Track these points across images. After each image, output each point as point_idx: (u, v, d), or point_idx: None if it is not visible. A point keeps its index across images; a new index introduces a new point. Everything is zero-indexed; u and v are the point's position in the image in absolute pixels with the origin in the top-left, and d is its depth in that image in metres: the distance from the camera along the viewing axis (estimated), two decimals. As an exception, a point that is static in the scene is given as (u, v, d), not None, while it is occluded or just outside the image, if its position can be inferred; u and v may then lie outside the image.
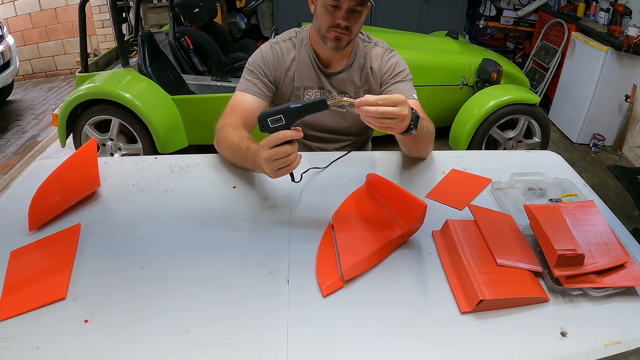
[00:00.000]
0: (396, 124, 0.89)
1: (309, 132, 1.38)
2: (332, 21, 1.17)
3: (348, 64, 1.30)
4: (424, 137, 1.12)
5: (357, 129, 1.39)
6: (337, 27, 1.17)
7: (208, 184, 1.13)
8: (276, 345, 0.71)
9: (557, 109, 3.68)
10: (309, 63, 1.30)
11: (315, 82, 1.31)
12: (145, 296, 0.80)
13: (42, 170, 1.16)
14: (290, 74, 1.30)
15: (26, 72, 5.20)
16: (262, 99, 1.27)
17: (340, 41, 1.20)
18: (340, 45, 1.21)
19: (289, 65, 1.30)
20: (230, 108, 1.24)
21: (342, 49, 1.23)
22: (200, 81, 3.13)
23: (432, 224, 0.97)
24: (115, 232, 0.97)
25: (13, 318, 0.76)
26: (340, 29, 1.17)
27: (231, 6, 4.58)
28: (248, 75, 1.28)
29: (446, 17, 4.22)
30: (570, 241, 0.81)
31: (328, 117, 1.34)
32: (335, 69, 1.30)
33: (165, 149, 2.71)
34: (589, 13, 3.64)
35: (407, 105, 0.91)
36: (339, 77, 1.31)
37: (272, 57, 1.28)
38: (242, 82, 1.28)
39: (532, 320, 0.76)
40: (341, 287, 0.82)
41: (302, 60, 1.30)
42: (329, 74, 1.31)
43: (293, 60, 1.30)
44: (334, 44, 1.21)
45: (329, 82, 1.32)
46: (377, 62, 1.31)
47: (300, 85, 1.31)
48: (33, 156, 3.38)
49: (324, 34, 1.21)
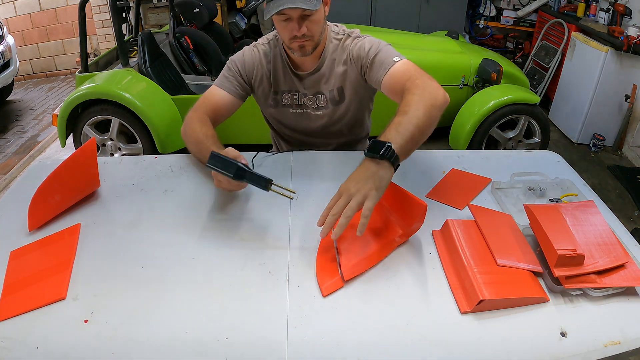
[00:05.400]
0: (365, 207, 0.81)
1: (294, 135, 1.40)
2: (290, 33, 1.15)
3: (320, 64, 1.27)
4: (424, 129, 0.95)
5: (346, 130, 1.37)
6: (295, 38, 1.15)
7: (208, 184, 1.13)
8: (276, 345, 0.71)
9: (557, 109, 3.67)
10: (283, 67, 1.29)
11: (290, 86, 1.31)
12: (145, 296, 0.80)
13: (42, 170, 1.16)
14: (267, 78, 1.30)
15: (26, 72, 5.20)
16: (235, 97, 1.27)
17: (305, 49, 1.18)
18: (305, 52, 1.19)
19: (266, 69, 1.29)
20: (202, 100, 1.27)
21: (310, 54, 1.21)
22: (200, 81, 3.13)
23: (432, 224, 0.97)
24: (115, 232, 0.97)
25: (13, 318, 0.76)
26: (300, 39, 1.15)
27: (231, 6, 4.58)
28: (226, 72, 1.29)
29: (446, 17, 4.22)
30: (570, 241, 0.81)
31: (309, 121, 1.34)
32: (307, 70, 1.28)
33: (165, 148, 2.71)
34: (589, 13, 3.63)
35: (346, 190, 0.83)
36: (312, 78, 1.29)
37: (251, 60, 1.29)
38: (219, 78, 1.29)
39: (532, 320, 0.76)
40: (341, 287, 0.82)
41: (277, 65, 1.29)
42: (301, 77, 1.29)
43: (269, 64, 1.29)
44: (299, 53, 1.19)
45: (302, 84, 1.30)
46: (349, 53, 1.25)
47: (278, 89, 1.32)
48: (33, 156, 3.38)
49: (288, 45, 1.20)
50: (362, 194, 0.82)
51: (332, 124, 1.35)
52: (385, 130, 0.92)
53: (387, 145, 0.85)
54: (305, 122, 1.35)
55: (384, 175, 0.85)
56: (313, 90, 1.30)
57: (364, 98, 1.34)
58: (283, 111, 1.35)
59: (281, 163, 1.22)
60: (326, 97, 1.30)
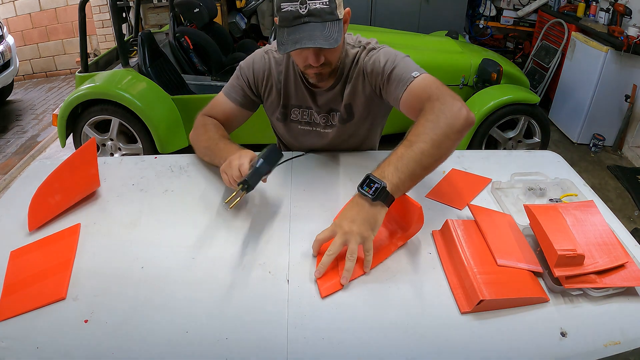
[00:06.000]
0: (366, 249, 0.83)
1: (300, 148, 1.32)
2: (305, 62, 1.05)
3: (336, 81, 1.17)
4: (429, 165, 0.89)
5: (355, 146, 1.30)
6: (311, 66, 1.05)
7: (208, 184, 1.13)
8: (276, 345, 0.71)
9: (557, 109, 3.67)
10: (296, 79, 1.20)
11: (301, 101, 1.22)
12: (145, 296, 0.80)
13: (42, 170, 1.17)
14: (277, 89, 1.21)
15: (26, 72, 5.20)
16: (244, 108, 1.23)
17: (322, 75, 1.09)
18: (322, 79, 1.11)
19: (277, 79, 1.20)
20: (212, 107, 1.24)
21: (327, 79, 1.13)
22: (200, 81, 3.13)
23: (432, 224, 0.97)
24: (115, 232, 0.97)
25: (13, 318, 0.76)
26: (317, 68, 1.05)
27: (231, 6, 4.58)
28: (235, 81, 1.23)
29: (446, 17, 4.22)
30: (570, 241, 0.81)
31: (317, 138, 1.27)
32: (323, 87, 1.18)
33: (165, 148, 2.70)
34: (589, 13, 3.63)
35: (341, 229, 0.83)
36: (326, 96, 1.19)
37: (261, 69, 1.20)
38: (228, 85, 1.23)
39: (532, 320, 0.76)
40: (340, 289, 0.82)
41: (289, 76, 1.20)
42: (315, 93, 1.20)
43: (280, 74, 1.20)
44: (315, 80, 1.11)
45: (315, 101, 1.21)
46: (362, 68, 1.14)
47: (287, 103, 1.24)
48: (33, 156, 3.38)
49: (303, 71, 1.11)
50: (360, 237, 0.82)
51: (340, 143, 1.27)
52: (385, 162, 0.87)
53: (383, 187, 0.83)
54: (313, 139, 1.28)
55: (378, 217, 0.84)
56: (326, 107, 1.21)
57: (377, 116, 1.25)
58: (290, 126, 1.28)
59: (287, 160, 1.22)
60: (338, 115, 1.22)
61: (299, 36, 0.96)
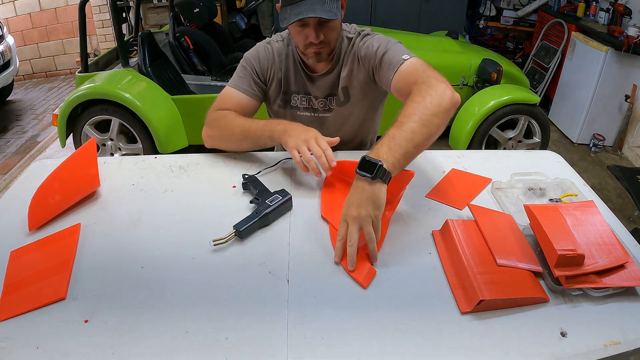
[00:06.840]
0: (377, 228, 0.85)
1: None
2: (305, 39, 1.12)
3: (332, 65, 1.24)
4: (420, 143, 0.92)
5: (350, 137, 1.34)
6: (311, 44, 1.12)
7: (208, 184, 1.13)
8: (276, 345, 0.71)
9: (557, 109, 3.68)
10: (295, 67, 1.26)
11: (301, 87, 1.28)
12: (145, 296, 0.80)
13: (42, 170, 1.16)
14: (279, 76, 1.27)
15: (26, 72, 5.21)
16: (252, 97, 1.25)
17: (320, 55, 1.16)
18: (321, 59, 1.17)
19: (278, 67, 1.26)
20: (221, 101, 1.24)
21: (325, 60, 1.20)
22: (200, 81, 3.13)
23: (432, 224, 0.97)
24: (115, 232, 0.97)
25: (13, 318, 0.76)
26: (316, 45, 1.12)
27: (231, 6, 4.58)
28: (241, 72, 1.26)
29: (446, 17, 4.22)
30: (570, 241, 0.81)
31: (316, 124, 1.28)
32: (319, 72, 1.25)
33: (165, 148, 2.71)
34: (589, 13, 3.64)
35: (350, 216, 0.85)
36: (323, 80, 1.26)
37: (265, 57, 1.26)
38: (234, 78, 1.26)
39: (532, 320, 0.76)
40: (375, 273, 0.84)
41: (289, 64, 1.26)
42: (313, 78, 1.26)
43: (281, 62, 1.26)
44: (314, 59, 1.17)
45: (313, 86, 1.27)
46: (356, 52, 1.22)
47: (288, 90, 1.29)
48: (33, 156, 3.38)
49: (303, 51, 1.17)
50: (370, 218, 0.84)
51: (339, 128, 1.31)
52: (378, 144, 0.90)
53: (379, 165, 0.85)
54: (312, 126, 1.28)
55: (380, 194, 0.85)
56: (325, 92, 1.27)
57: (373, 100, 1.30)
58: (291, 112, 1.32)
59: (281, 162, 1.22)
60: (336, 99, 1.28)
61: (301, 9, 1.05)
